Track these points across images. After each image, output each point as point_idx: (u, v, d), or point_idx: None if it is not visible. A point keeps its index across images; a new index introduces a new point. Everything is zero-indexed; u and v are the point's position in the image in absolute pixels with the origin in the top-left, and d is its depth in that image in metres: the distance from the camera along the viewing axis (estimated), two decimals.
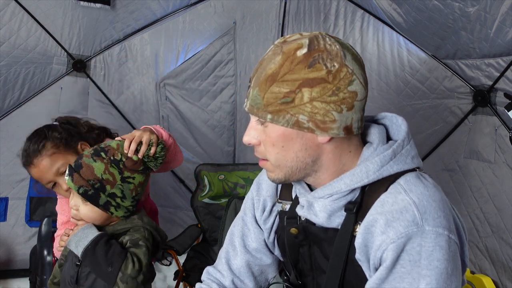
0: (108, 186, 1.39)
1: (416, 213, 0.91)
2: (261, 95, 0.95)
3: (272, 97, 0.94)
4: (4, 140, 2.80)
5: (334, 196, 1.00)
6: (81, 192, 1.37)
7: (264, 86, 0.95)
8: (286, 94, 0.93)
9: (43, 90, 2.83)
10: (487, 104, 2.33)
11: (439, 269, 0.89)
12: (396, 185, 0.96)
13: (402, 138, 1.01)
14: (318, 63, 0.92)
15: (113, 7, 2.72)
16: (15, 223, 2.90)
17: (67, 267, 1.48)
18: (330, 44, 0.94)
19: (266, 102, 0.95)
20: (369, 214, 0.96)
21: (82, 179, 1.38)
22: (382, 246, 0.92)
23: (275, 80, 0.94)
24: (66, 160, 1.62)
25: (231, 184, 2.65)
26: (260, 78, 0.96)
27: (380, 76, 2.80)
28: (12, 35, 2.60)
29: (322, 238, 1.04)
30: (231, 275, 1.24)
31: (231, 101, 3.24)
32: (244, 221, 1.26)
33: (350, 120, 0.96)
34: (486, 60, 2.21)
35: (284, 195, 1.19)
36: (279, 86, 0.93)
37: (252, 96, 0.97)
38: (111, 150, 1.42)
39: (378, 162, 0.98)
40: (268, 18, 3.11)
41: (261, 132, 1.01)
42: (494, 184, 2.32)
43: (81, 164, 1.40)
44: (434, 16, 2.20)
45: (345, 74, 0.93)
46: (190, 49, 3.11)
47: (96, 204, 1.39)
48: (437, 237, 0.90)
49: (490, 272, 2.35)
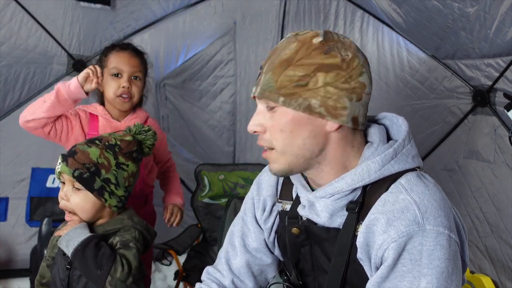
0: (103, 171, 1.40)
1: (417, 212, 0.92)
2: (275, 78, 0.98)
3: (287, 80, 0.97)
4: (4, 140, 2.81)
5: (336, 196, 1.01)
6: (76, 175, 1.36)
7: (279, 70, 0.98)
8: (301, 78, 0.96)
9: (43, 91, 2.83)
10: (487, 104, 2.33)
11: (440, 268, 0.89)
12: (397, 185, 0.97)
13: (403, 138, 1.02)
14: (333, 51, 0.97)
15: (113, 7, 2.72)
16: (15, 223, 2.90)
17: (56, 269, 1.47)
18: (343, 37, 1.00)
19: (280, 85, 0.97)
20: (370, 214, 0.96)
21: (77, 162, 1.37)
22: (384, 245, 0.92)
23: (291, 64, 0.97)
24: None
25: (231, 184, 2.66)
26: (274, 63, 0.99)
27: (380, 76, 2.81)
28: (13, 35, 2.60)
29: (324, 238, 1.05)
30: (231, 275, 1.24)
31: (231, 101, 3.25)
32: (244, 220, 1.26)
33: (357, 111, 0.99)
34: (486, 60, 2.21)
35: (285, 195, 1.19)
36: (294, 70, 0.97)
37: (264, 81, 0.99)
38: (104, 138, 1.46)
39: (380, 161, 0.98)
40: (268, 18, 3.11)
41: (268, 119, 1.01)
42: (494, 184, 2.32)
43: (75, 150, 1.40)
44: (433, 16, 2.21)
45: (357, 64, 0.98)
46: (190, 49, 3.11)
47: (91, 189, 1.37)
48: (438, 236, 0.90)
49: (489, 271, 2.35)
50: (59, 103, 1.72)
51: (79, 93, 1.74)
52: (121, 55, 1.91)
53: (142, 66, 1.96)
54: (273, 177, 1.23)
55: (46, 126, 1.76)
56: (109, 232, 1.44)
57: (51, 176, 2.94)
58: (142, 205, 2.02)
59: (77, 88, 1.73)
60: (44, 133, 1.78)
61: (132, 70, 1.90)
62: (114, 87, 1.88)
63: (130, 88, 1.88)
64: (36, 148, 2.86)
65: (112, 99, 1.90)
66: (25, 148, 2.86)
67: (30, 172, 2.90)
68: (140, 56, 1.97)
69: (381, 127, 1.08)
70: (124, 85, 1.87)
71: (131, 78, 1.90)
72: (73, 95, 1.74)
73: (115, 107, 1.92)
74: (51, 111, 1.73)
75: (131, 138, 1.51)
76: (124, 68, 1.88)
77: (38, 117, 1.72)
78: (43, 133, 1.78)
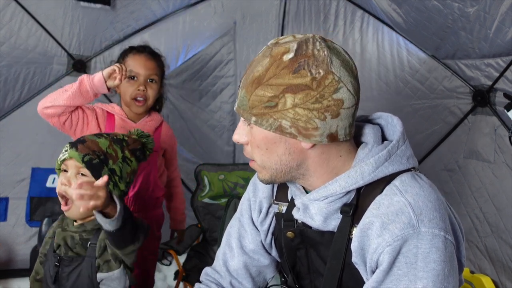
0: (111, 161, 1.41)
1: (412, 214, 0.91)
2: (247, 97, 0.96)
3: (257, 100, 0.94)
4: (4, 140, 2.80)
5: (330, 199, 1.00)
6: (86, 160, 1.36)
7: (250, 88, 0.95)
8: (270, 99, 0.93)
9: (43, 91, 2.83)
10: (487, 104, 2.33)
11: (435, 270, 0.88)
12: (391, 187, 0.96)
13: (397, 139, 1.01)
14: (303, 69, 0.91)
15: (113, 7, 2.72)
16: (15, 223, 2.90)
17: (47, 266, 1.47)
18: (318, 50, 0.92)
19: (251, 104, 0.95)
20: (365, 217, 0.95)
21: (87, 148, 1.38)
22: (379, 249, 0.92)
23: (261, 84, 0.94)
24: None
25: (231, 184, 2.66)
26: (248, 80, 0.96)
27: (379, 76, 2.80)
28: (13, 35, 2.60)
29: (319, 241, 1.04)
30: (229, 276, 1.23)
31: (231, 101, 3.25)
32: (240, 222, 1.25)
33: (335, 128, 0.94)
34: (486, 60, 2.21)
35: (280, 197, 1.18)
36: (264, 90, 0.93)
37: (240, 97, 0.98)
38: (112, 133, 1.49)
39: (373, 163, 0.97)
40: (268, 18, 3.11)
41: (247, 133, 1.01)
42: (494, 184, 2.32)
43: (84, 139, 1.42)
44: (433, 16, 2.20)
45: (331, 81, 0.91)
46: (190, 49, 3.11)
47: (98, 176, 1.35)
48: (433, 239, 0.89)
49: (489, 271, 2.35)
50: (80, 93, 1.72)
51: (101, 87, 1.74)
52: (137, 58, 1.93)
53: (158, 69, 1.97)
54: None
55: (62, 115, 1.76)
56: (98, 226, 1.39)
57: (51, 176, 2.94)
58: (152, 208, 2.03)
59: (100, 82, 1.73)
60: (59, 123, 1.78)
61: (148, 73, 1.91)
62: (130, 90, 1.89)
63: (145, 91, 1.90)
64: (36, 148, 2.87)
65: (128, 102, 1.92)
66: (25, 148, 2.86)
67: (30, 172, 2.90)
68: (156, 59, 1.99)
69: (376, 127, 1.06)
70: (140, 88, 1.89)
71: (147, 81, 1.92)
72: (95, 88, 1.74)
73: (130, 109, 1.94)
74: (71, 100, 1.73)
75: (137, 137, 1.56)
76: (140, 71, 1.90)
77: (57, 104, 1.72)
78: (58, 123, 1.78)
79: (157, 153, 1.99)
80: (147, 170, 1.94)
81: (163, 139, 2.05)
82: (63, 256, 1.42)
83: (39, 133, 2.83)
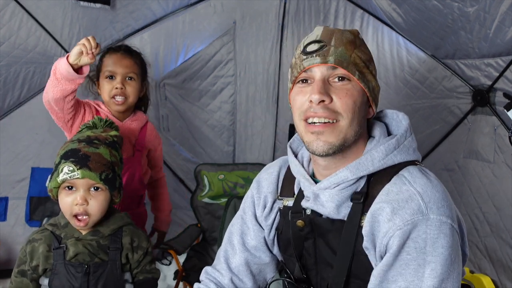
0: (117, 168, 1.42)
1: (421, 202, 0.94)
2: (348, 54, 1.02)
3: (358, 58, 1.03)
4: (4, 140, 2.80)
5: (341, 185, 1.03)
6: (104, 177, 1.34)
7: (350, 47, 1.03)
8: (367, 61, 1.05)
9: (43, 90, 2.83)
10: (487, 104, 2.33)
11: (443, 255, 0.91)
12: (400, 177, 1.00)
13: (405, 129, 1.07)
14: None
15: (113, 7, 2.72)
16: (15, 223, 2.90)
17: (61, 280, 1.39)
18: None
19: (353, 61, 1.03)
20: (375, 203, 0.99)
21: (100, 165, 1.34)
22: (389, 233, 0.94)
23: (356, 47, 1.04)
24: None
25: (231, 184, 2.66)
26: (343, 40, 1.03)
27: (379, 76, 2.78)
28: (12, 35, 2.60)
29: (329, 229, 1.06)
30: (230, 273, 1.24)
31: (231, 101, 3.24)
32: (243, 219, 1.27)
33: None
34: (486, 60, 2.21)
35: (285, 192, 1.20)
36: (361, 52, 1.04)
37: (338, 52, 1.02)
38: (98, 136, 1.43)
39: (383, 150, 1.02)
40: (268, 18, 3.11)
41: (339, 89, 1.03)
42: (494, 184, 2.32)
43: (85, 154, 1.33)
44: (433, 16, 2.21)
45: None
46: (190, 49, 3.11)
47: (113, 188, 1.37)
48: (441, 225, 0.93)
49: (489, 271, 2.35)
50: (58, 82, 1.65)
51: (69, 73, 1.60)
52: (113, 57, 1.92)
53: (136, 66, 1.94)
54: (273, 175, 1.24)
55: (67, 99, 1.71)
56: (115, 230, 1.44)
57: None
58: (136, 206, 2.02)
59: (65, 67, 1.61)
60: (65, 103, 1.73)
61: (125, 71, 1.90)
62: (108, 89, 1.88)
63: (124, 89, 1.88)
64: (36, 148, 2.87)
65: (107, 101, 1.90)
66: (24, 148, 2.86)
67: (30, 172, 2.90)
68: (134, 56, 1.96)
69: (381, 123, 1.12)
70: (118, 86, 1.87)
71: (125, 79, 1.90)
72: (64, 75, 1.62)
73: (110, 108, 1.92)
74: (56, 89, 1.66)
75: (116, 132, 1.53)
76: (117, 70, 1.89)
77: (51, 97, 1.70)
78: (63, 103, 1.73)
79: (141, 152, 1.99)
80: (132, 170, 1.94)
81: (148, 139, 2.04)
82: (90, 263, 1.39)
83: (39, 133, 2.83)
